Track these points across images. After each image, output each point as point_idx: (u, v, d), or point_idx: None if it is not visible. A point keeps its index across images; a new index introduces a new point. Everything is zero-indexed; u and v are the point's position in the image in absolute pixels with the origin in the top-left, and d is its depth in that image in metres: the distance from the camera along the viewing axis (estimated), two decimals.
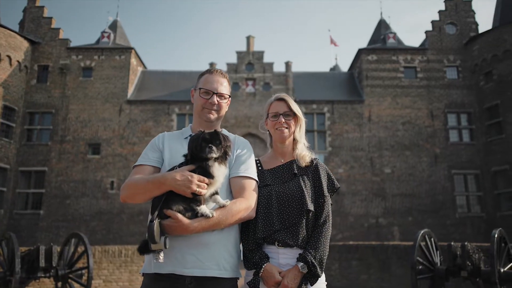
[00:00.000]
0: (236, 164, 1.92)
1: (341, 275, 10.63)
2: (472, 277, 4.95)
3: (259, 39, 69.96)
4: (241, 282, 1.91)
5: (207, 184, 1.70)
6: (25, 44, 21.40)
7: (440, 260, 5.42)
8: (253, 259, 1.86)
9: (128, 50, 22.67)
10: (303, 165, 2.05)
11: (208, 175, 1.71)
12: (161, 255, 1.62)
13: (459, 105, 21.73)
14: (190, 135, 1.93)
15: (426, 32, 23.16)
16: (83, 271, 6.15)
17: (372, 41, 25.17)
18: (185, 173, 1.67)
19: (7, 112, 20.35)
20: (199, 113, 2.01)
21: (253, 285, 1.83)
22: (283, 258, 1.89)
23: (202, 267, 1.70)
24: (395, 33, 24.12)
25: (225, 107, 2.06)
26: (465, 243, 5.04)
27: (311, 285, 1.84)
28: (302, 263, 1.82)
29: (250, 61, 22.96)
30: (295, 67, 29.88)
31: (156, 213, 1.64)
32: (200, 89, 2.01)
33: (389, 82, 22.20)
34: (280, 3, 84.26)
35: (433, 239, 5.52)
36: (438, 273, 5.18)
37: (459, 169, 20.79)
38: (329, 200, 2.02)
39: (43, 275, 5.78)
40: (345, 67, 37.51)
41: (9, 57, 20.28)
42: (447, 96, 21.87)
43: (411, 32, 73.41)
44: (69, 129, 21.26)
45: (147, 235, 1.59)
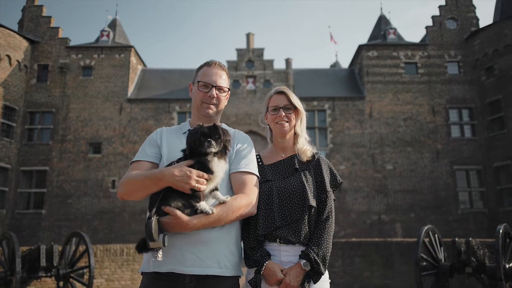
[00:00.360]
0: (236, 159, 1.86)
1: (344, 272, 10.60)
2: (477, 273, 4.90)
3: (259, 36, 69.95)
4: (242, 280, 1.86)
5: (206, 179, 1.64)
6: (25, 43, 21.35)
7: (444, 256, 5.37)
8: (254, 256, 1.81)
9: (127, 48, 22.62)
10: (305, 159, 2.00)
11: (207, 170, 1.65)
12: (160, 254, 1.58)
13: (461, 100, 21.64)
14: (188, 130, 1.87)
15: (426, 27, 23.05)
16: (85, 270, 6.12)
17: (372, 37, 25.07)
18: (183, 168, 1.62)
19: (8, 112, 20.32)
20: (197, 108, 1.95)
21: (255, 284, 1.78)
22: (285, 255, 1.83)
23: (202, 266, 1.65)
24: (395, 29, 24.01)
25: (225, 101, 1.99)
26: (470, 239, 4.99)
27: (314, 283, 1.78)
28: (304, 261, 1.77)
29: (250, 59, 22.89)
30: (296, 64, 29.84)
31: (154, 210, 1.59)
32: (198, 82, 1.94)
33: (390, 78, 22.12)
34: (279, 1, 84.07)
35: (437, 235, 5.47)
36: (442, 269, 5.13)
37: (461, 164, 20.72)
38: (332, 195, 1.96)
39: (44, 275, 5.75)
40: (345, 63, 37.42)
41: (8, 56, 20.25)
42: (448, 91, 21.78)
43: (412, 27, 73.23)
44: (69, 129, 21.23)
45: (145, 233, 1.54)
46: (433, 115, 21.45)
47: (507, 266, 4.60)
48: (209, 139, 1.66)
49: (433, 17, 23.17)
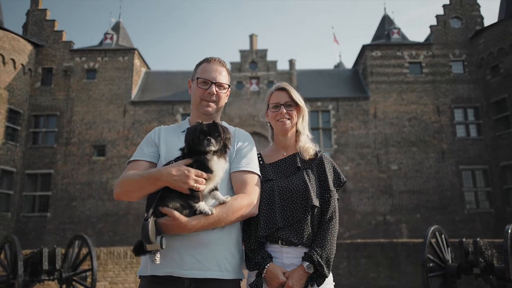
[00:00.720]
0: (236, 157, 1.80)
1: (350, 274, 10.51)
2: (485, 274, 4.81)
3: (262, 38, 69.98)
4: (244, 283, 1.79)
5: (205, 179, 1.58)
6: (29, 47, 21.44)
7: (451, 257, 5.28)
8: (255, 259, 1.74)
9: (131, 51, 22.66)
10: (307, 158, 1.93)
11: (206, 169, 1.59)
12: (158, 256, 1.51)
13: (466, 100, 21.49)
14: (187, 128, 1.82)
15: (430, 26, 22.92)
16: (87, 273, 6.08)
17: (376, 37, 24.97)
18: (181, 167, 1.56)
19: (12, 115, 20.41)
20: (197, 105, 1.89)
21: (256, 287, 1.71)
22: (287, 257, 1.76)
23: (201, 268, 1.59)
24: (399, 29, 23.90)
25: (225, 98, 1.93)
26: (477, 239, 4.90)
27: (318, 286, 1.71)
28: (307, 263, 1.70)
29: (253, 60, 22.86)
30: (299, 65, 29.77)
31: (151, 211, 1.53)
32: (197, 78, 1.88)
33: (394, 78, 22.00)
34: (282, 1, 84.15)
35: (443, 236, 5.38)
36: (449, 270, 5.04)
37: (467, 164, 20.56)
38: (336, 194, 1.89)
39: (47, 278, 5.72)
40: (349, 64, 37.27)
41: (13, 60, 20.34)
42: (453, 91, 21.64)
43: (416, 27, 72.99)
44: (74, 131, 21.29)
45: (141, 235, 1.49)
46: (438, 115, 21.31)
47: None
48: (209, 137, 1.60)
49: (437, 16, 23.04)
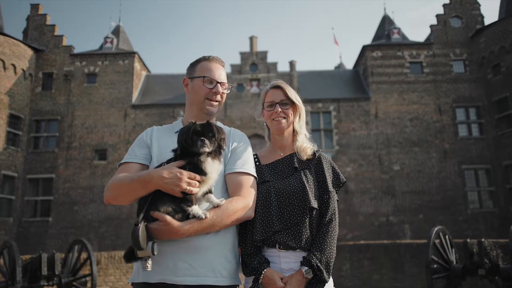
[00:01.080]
0: (231, 159, 1.73)
1: (353, 275, 10.41)
2: (490, 275, 4.72)
3: (262, 39, 70.00)
4: None
5: (199, 181, 1.51)
6: (29, 52, 21.45)
7: (456, 258, 5.19)
8: (252, 264, 1.66)
9: (131, 54, 22.65)
10: (304, 158, 1.85)
11: (200, 171, 1.52)
12: (149, 263, 1.45)
13: (467, 99, 21.39)
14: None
15: (431, 26, 22.85)
16: (87, 278, 6.01)
17: (376, 37, 24.91)
18: (173, 170, 1.49)
19: (13, 120, 20.40)
20: (200, 105, 1.82)
21: None
22: (285, 262, 1.68)
23: (196, 275, 1.52)
24: (399, 29, 23.84)
25: (224, 98, 1.89)
26: (482, 240, 4.82)
27: None
28: (306, 268, 1.62)
29: (254, 62, 22.82)
30: (300, 66, 29.71)
31: (141, 216, 1.47)
32: (204, 77, 1.81)
33: (395, 78, 21.93)
34: (281, 3, 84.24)
35: (447, 237, 5.30)
36: (454, 271, 4.95)
37: (470, 164, 20.44)
38: (335, 196, 1.81)
39: (46, 284, 5.65)
40: (350, 65, 37.24)
41: (13, 65, 20.34)
42: (454, 90, 21.55)
43: (416, 27, 72.93)
44: (75, 136, 21.27)
45: (131, 241, 1.42)
46: (439, 115, 21.22)
47: None
48: (202, 138, 1.53)
49: (438, 16, 22.97)
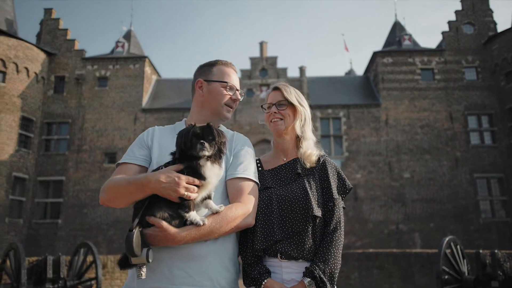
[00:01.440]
0: (233, 164, 1.65)
1: (361, 285, 10.24)
2: None
3: (272, 45, 70.18)
4: None
5: (197, 186, 1.44)
6: (42, 55, 21.73)
7: (467, 269, 5.05)
8: (252, 274, 1.59)
9: (142, 59, 22.82)
10: (308, 166, 1.76)
11: (199, 176, 1.44)
12: (144, 270, 1.37)
13: (480, 106, 21.10)
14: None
15: (443, 33, 22.64)
16: (92, 282, 5.98)
17: (387, 43, 24.76)
18: (171, 174, 1.42)
19: (25, 123, 20.64)
20: (216, 110, 1.76)
21: None
22: (286, 272, 1.59)
23: (192, 284, 1.45)
24: (410, 35, 23.66)
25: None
26: (495, 251, 4.67)
27: None
28: (309, 279, 1.53)
29: (263, 67, 22.82)
30: (310, 72, 29.63)
31: (136, 221, 1.40)
32: (227, 83, 1.77)
33: (406, 84, 21.74)
34: (293, 8, 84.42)
35: (459, 247, 5.16)
36: (466, 283, 4.81)
37: (482, 172, 20.11)
38: (341, 203, 1.71)
39: (51, 286, 5.63)
40: (360, 71, 37.03)
41: (26, 68, 20.62)
42: (466, 97, 21.28)
43: (427, 33, 72.42)
44: (85, 139, 21.44)
45: (125, 247, 1.35)
46: (451, 122, 20.95)
47: None
48: (202, 141, 1.45)
49: (449, 22, 22.76)
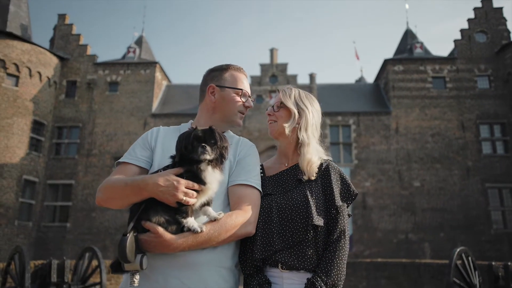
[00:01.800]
0: (236, 170, 1.59)
1: None
2: None
3: (282, 52, 70.34)
4: None
5: (197, 190, 1.38)
6: (55, 60, 22.00)
7: (479, 281, 4.90)
8: (251, 284, 1.52)
9: (153, 64, 22.99)
10: (306, 178, 1.64)
11: (199, 180, 1.39)
12: (137, 278, 1.31)
13: (492, 115, 20.80)
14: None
15: (455, 41, 22.43)
16: (97, 287, 5.94)
17: (398, 51, 24.60)
18: (170, 177, 1.36)
19: (37, 126, 20.85)
20: (229, 117, 1.72)
21: None
22: (288, 283, 1.51)
23: None
24: (422, 43, 23.48)
25: None
26: (508, 263, 4.53)
27: None
28: None
29: (273, 74, 22.81)
30: (320, 79, 29.55)
31: (131, 225, 1.34)
32: (242, 90, 1.73)
33: (416, 92, 21.54)
34: (303, 15, 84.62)
35: (470, 258, 5.02)
36: None
37: (494, 182, 19.76)
38: (345, 210, 1.61)
39: None
40: (370, 79, 36.88)
41: (39, 73, 20.88)
42: (478, 106, 21.00)
43: (439, 41, 71.94)
44: (95, 143, 21.58)
45: (118, 252, 1.29)
46: (462, 131, 20.68)
47: None
48: (204, 144, 1.40)
49: (462, 31, 22.55)
